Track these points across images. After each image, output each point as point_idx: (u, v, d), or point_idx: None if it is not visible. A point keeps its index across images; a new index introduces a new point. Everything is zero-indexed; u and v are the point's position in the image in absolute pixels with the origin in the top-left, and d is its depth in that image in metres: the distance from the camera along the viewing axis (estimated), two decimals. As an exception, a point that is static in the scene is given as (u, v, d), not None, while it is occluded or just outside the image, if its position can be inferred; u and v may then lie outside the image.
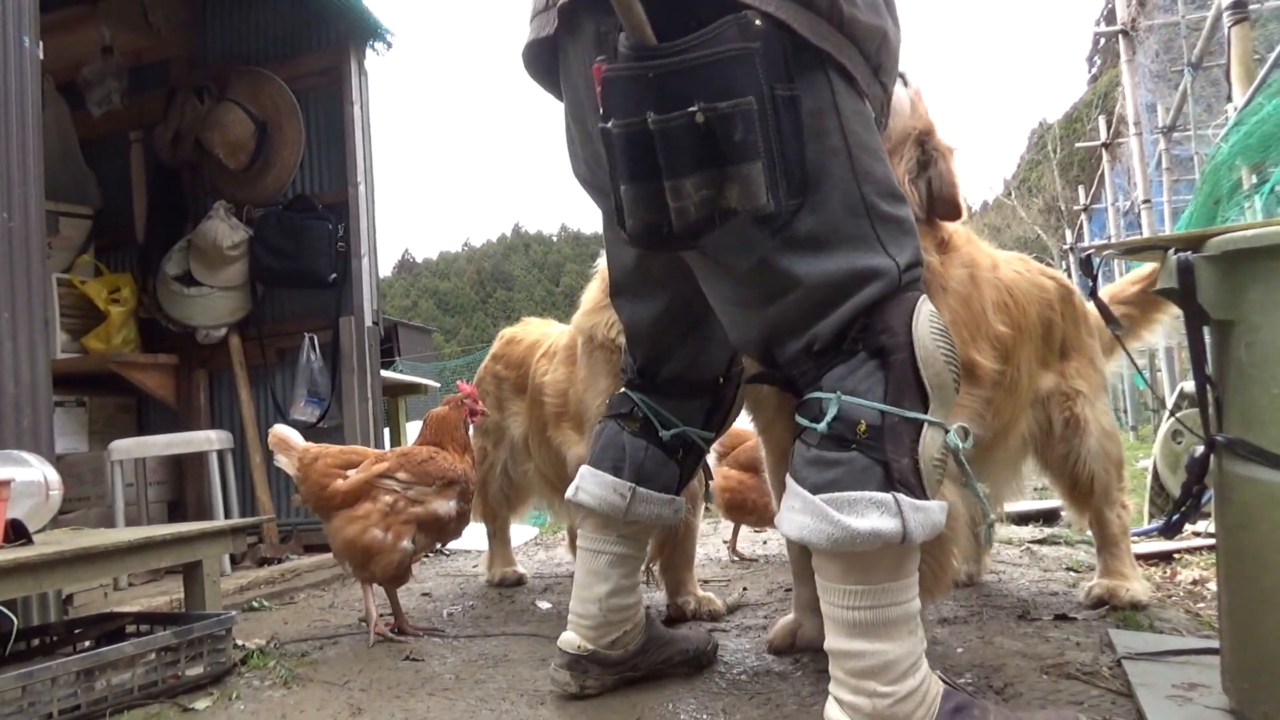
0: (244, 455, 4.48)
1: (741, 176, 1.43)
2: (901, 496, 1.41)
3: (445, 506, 2.63)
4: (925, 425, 1.47)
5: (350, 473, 2.61)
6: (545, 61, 1.81)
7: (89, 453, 4.31)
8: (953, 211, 2.08)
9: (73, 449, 4.27)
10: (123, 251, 4.92)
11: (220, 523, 2.78)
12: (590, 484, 1.97)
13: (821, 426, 1.46)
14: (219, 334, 4.57)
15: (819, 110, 1.51)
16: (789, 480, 1.52)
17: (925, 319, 1.51)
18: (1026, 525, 4.20)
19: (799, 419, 1.53)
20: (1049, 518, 4.30)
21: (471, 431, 3.44)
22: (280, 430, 2.75)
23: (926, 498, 1.45)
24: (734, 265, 1.56)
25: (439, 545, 2.85)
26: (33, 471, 2.44)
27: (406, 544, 2.56)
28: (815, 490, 1.44)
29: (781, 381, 1.63)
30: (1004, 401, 2.23)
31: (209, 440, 4.02)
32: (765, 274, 1.53)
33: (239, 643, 2.51)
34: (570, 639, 1.96)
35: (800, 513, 1.45)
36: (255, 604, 3.26)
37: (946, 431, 1.51)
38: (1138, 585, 2.49)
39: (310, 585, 3.64)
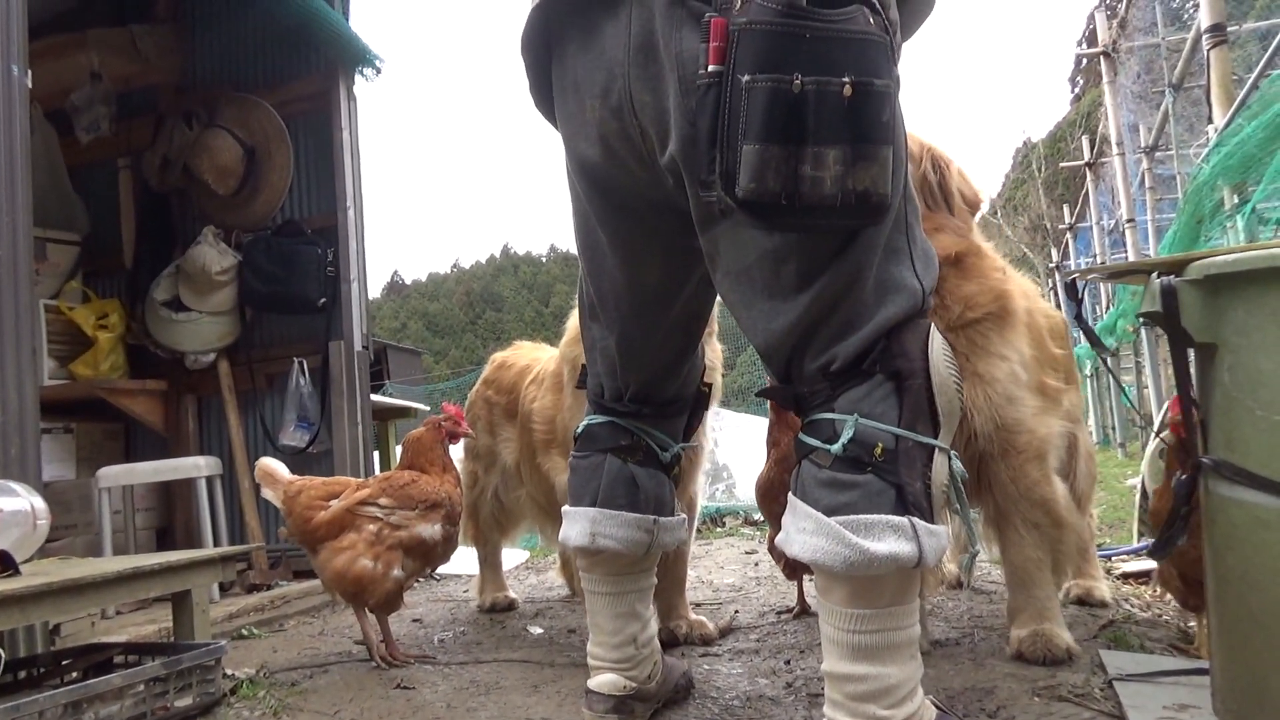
0: (233, 481, 4.45)
1: (880, 159, 1.40)
2: (916, 520, 1.41)
3: (430, 530, 2.61)
4: (936, 451, 1.48)
5: (333, 503, 2.60)
6: (544, 32, 1.71)
7: (76, 480, 4.29)
8: (976, 202, 2.35)
9: (60, 476, 4.24)
10: (111, 277, 4.91)
11: (209, 551, 2.77)
12: (610, 527, 1.88)
13: (836, 448, 1.45)
14: (208, 359, 4.55)
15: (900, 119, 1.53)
16: (795, 501, 1.51)
17: (939, 347, 1.53)
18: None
19: (806, 439, 1.52)
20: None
21: (461, 454, 3.44)
22: (266, 463, 2.73)
23: (935, 522, 1.46)
24: (792, 258, 1.50)
25: (428, 570, 2.82)
26: (20, 501, 2.42)
27: (397, 572, 2.54)
28: (829, 513, 1.43)
29: (789, 398, 1.61)
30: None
31: (198, 466, 4.00)
32: (817, 274, 1.49)
33: (228, 672, 2.50)
34: (612, 681, 1.90)
35: (813, 535, 1.44)
36: (245, 632, 3.24)
37: (951, 458, 1.52)
38: (1104, 585, 2.89)
39: (300, 612, 3.62)
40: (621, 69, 1.57)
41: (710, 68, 1.41)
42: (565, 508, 1.98)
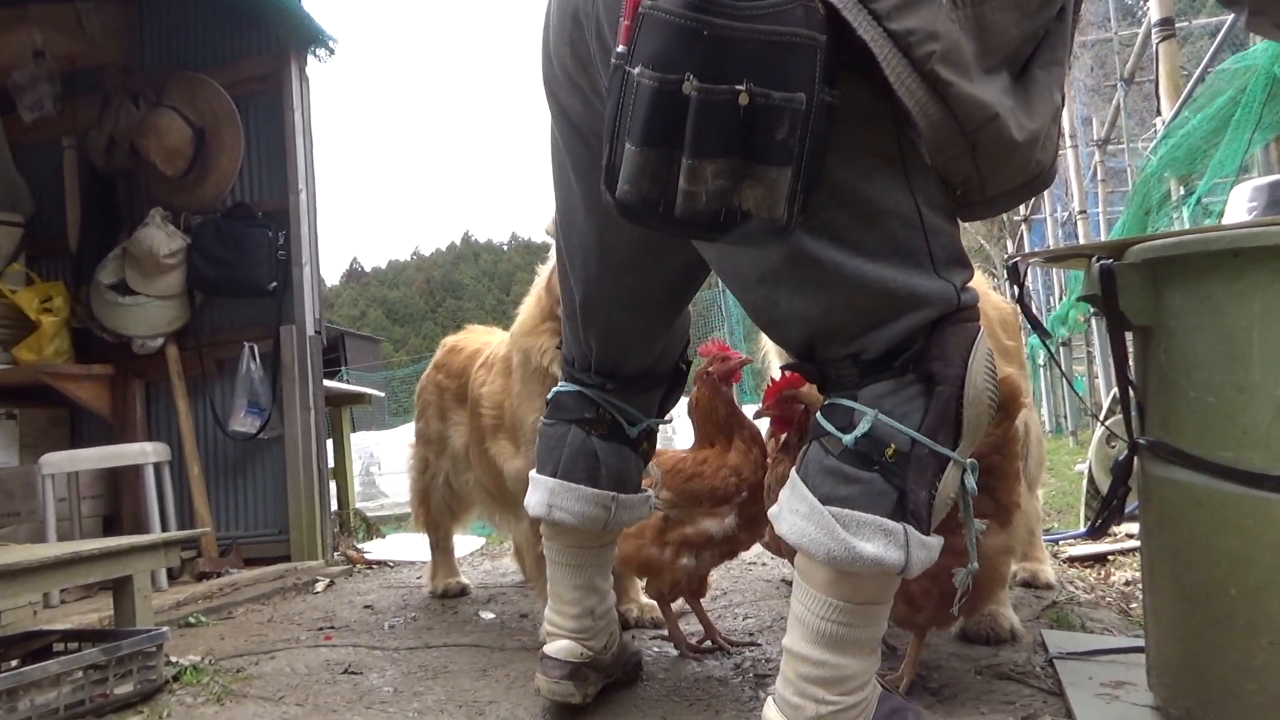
0: (182, 468, 4.38)
1: (768, 180, 1.27)
2: (910, 529, 1.37)
3: (718, 526, 2.25)
4: (950, 463, 1.41)
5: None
6: None
7: (19, 467, 4.19)
8: None
9: (2, 464, 4.15)
10: (55, 260, 4.77)
11: (151, 536, 2.72)
12: (567, 500, 1.86)
13: (849, 439, 1.40)
14: (156, 344, 4.45)
15: (872, 115, 1.38)
16: (795, 478, 1.47)
17: (983, 358, 1.44)
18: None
19: (820, 420, 1.46)
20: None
21: (414, 441, 3.40)
22: None
23: (929, 534, 1.41)
24: (749, 264, 1.46)
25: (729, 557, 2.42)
26: (-45, 486, 2.36)
27: (686, 560, 2.26)
28: (825, 502, 1.39)
29: (812, 374, 1.54)
30: None
31: (144, 453, 3.93)
32: (801, 271, 1.42)
33: (172, 659, 2.46)
34: (569, 647, 1.89)
35: (804, 519, 1.41)
36: (192, 619, 3.18)
37: (966, 471, 1.46)
38: (1050, 568, 2.95)
39: (249, 599, 3.57)
40: (589, 20, 1.51)
41: (618, 49, 1.31)
42: (531, 473, 1.97)
